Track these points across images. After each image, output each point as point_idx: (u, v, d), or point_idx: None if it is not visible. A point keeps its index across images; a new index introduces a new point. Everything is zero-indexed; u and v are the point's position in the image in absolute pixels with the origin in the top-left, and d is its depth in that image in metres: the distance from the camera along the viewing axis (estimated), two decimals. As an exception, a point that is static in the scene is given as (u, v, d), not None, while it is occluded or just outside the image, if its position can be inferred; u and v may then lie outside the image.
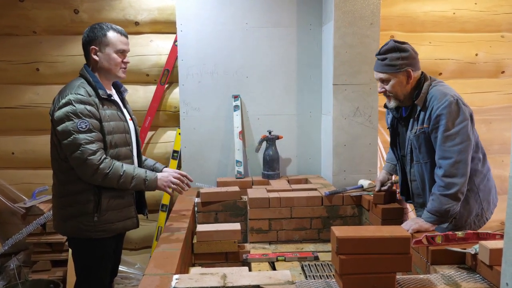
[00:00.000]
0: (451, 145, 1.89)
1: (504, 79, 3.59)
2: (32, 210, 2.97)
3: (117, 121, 1.92)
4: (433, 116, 1.92)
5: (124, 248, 3.33)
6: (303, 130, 3.23)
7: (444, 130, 1.89)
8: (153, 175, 1.95)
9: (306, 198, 2.62)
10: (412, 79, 2.00)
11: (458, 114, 1.89)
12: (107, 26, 1.92)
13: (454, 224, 1.99)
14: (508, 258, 1.05)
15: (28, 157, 3.29)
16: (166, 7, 3.20)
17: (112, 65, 1.92)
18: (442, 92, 1.93)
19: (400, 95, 2.02)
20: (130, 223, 2.01)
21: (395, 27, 3.42)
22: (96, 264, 1.95)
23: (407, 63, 1.98)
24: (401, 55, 1.97)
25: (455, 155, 1.87)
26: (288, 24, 3.12)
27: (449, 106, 1.88)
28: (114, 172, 1.81)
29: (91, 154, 1.76)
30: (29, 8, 3.15)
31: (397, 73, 1.98)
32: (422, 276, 1.58)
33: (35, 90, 3.25)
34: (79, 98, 1.80)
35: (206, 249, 2.38)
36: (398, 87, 2.00)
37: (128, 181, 1.85)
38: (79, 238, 1.91)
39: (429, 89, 1.98)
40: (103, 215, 1.88)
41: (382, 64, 2.01)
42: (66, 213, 1.89)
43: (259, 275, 1.59)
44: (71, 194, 1.87)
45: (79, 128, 1.76)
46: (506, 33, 3.53)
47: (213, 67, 3.11)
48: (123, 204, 1.95)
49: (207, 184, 3.13)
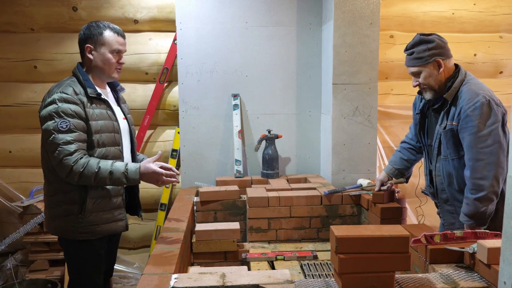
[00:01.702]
0: (482, 147, 1.88)
1: (503, 79, 3.60)
2: (30, 209, 2.96)
3: (106, 120, 1.88)
4: (462, 115, 1.92)
5: (123, 247, 3.35)
6: (303, 130, 3.23)
7: (476, 132, 1.88)
8: (134, 167, 1.81)
9: (305, 198, 2.62)
10: (444, 68, 2.01)
11: (489, 115, 1.88)
12: (104, 25, 1.89)
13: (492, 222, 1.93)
14: (506, 257, 1.06)
15: (26, 155, 3.28)
16: (166, 5, 3.20)
17: (106, 65, 1.89)
18: (474, 91, 1.93)
19: (434, 85, 2.03)
20: (117, 226, 1.94)
21: (394, 27, 3.43)
22: (85, 265, 1.91)
23: (435, 53, 2.00)
24: (427, 46, 2.00)
25: (486, 157, 1.87)
26: (288, 23, 3.11)
27: (480, 107, 1.88)
28: (88, 170, 1.73)
29: (67, 154, 1.72)
30: (27, 5, 3.14)
31: (426, 64, 2.01)
32: (420, 275, 1.58)
33: (33, 88, 3.23)
34: (64, 97, 1.77)
35: (205, 248, 2.38)
36: (430, 78, 2.02)
37: (105, 176, 1.76)
38: (68, 238, 1.88)
39: (461, 86, 1.99)
40: (87, 217, 1.83)
41: (411, 58, 2.05)
42: (54, 213, 1.87)
43: (258, 274, 1.59)
44: (58, 193, 1.85)
45: (59, 128, 1.73)
46: (505, 34, 3.54)
47: (213, 65, 3.11)
48: (110, 206, 1.90)
49: (206, 183, 3.12)
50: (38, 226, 2.92)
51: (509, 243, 1.04)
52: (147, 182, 1.84)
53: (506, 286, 1.05)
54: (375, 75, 2.89)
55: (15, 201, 3.15)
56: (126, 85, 3.23)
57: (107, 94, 2.00)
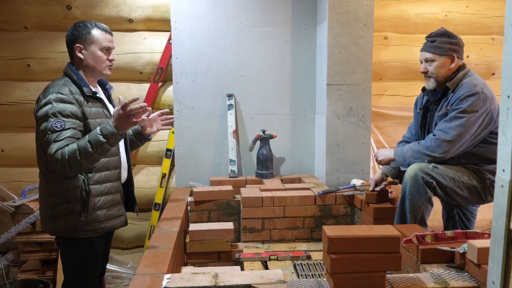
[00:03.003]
0: (455, 125, 2.02)
1: (495, 81, 3.62)
2: (22, 209, 2.93)
3: (103, 118, 1.90)
4: (457, 100, 2.05)
5: (116, 247, 3.34)
6: (297, 130, 3.24)
7: (459, 112, 2.03)
8: (105, 124, 1.75)
9: (299, 198, 2.63)
10: (455, 65, 2.14)
11: (478, 105, 2.02)
12: (91, 24, 1.91)
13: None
14: (495, 257, 1.07)
15: (18, 154, 3.26)
16: (161, 4, 3.19)
17: (97, 62, 1.91)
18: (473, 83, 2.08)
19: (441, 77, 2.15)
20: (118, 222, 1.98)
21: (388, 28, 3.44)
22: (85, 263, 1.92)
23: (454, 48, 2.13)
24: (450, 40, 2.13)
25: (452, 135, 2.02)
26: (283, 23, 3.12)
27: (474, 95, 2.02)
28: (71, 153, 1.70)
29: (56, 150, 1.71)
30: (21, 4, 3.12)
31: (443, 55, 2.13)
32: (412, 274, 1.59)
33: (26, 86, 3.21)
34: (59, 97, 1.77)
35: (198, 248, 2.38)
36: (441, 69, 2.14)
37: (86, 147, 1.71)
38: (67, 237, 1.89)
39: (464, 78, 2.11)
40: (90, 214, 1.85)
41: (431, 45, 2.15)
42: (54, 213, 1.87)
43: (251, 275, 1.59)
44: (59, 193, 1.85)
45: (53, 128, 1.73)
46: (497, 36, 3.57)
47: (207, 65, 3.11)
48: (111, 203, 1.93)
49: (200, 183, 3.12)
50: (30, 226, 2.90)
51: (497, 243, 1.06)
52: (124, 127, 1.75)
53: (495, 286, 1.07)
54: (369, 76, 2.91)
55: (7, 201, 3.13)
56: (121, 85, 3.25)
57: (100, 93, 2.01)
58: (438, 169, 2.05)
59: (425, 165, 2.06)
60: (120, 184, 1.99)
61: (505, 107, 1.02)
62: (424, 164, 2.08)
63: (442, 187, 2.04)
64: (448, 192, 2.06)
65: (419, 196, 2.04)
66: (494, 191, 1.07)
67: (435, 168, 2.05)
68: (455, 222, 2.34)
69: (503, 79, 1.03)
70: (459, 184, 2.06)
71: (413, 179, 2.05)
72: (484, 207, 2.26)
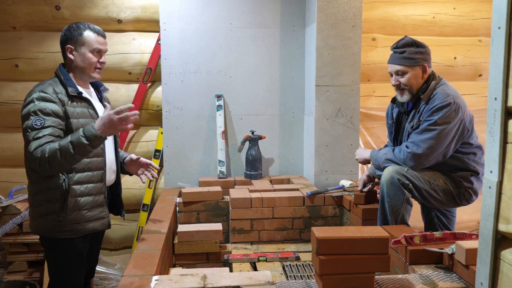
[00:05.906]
0: (426, 138, 2.01)
1: (482, 82, 3.68)
2: (9, 210, 2.90)
3: (87, 118, 1.89)
4: (429, 112, 2.04)
5: (104, 248, 3.31)
6: (286, 131, 3.25)
7: (430, 124, 2.01)
8: (90, 125, 1.74)
9: (288, 199, 2.63)
10: (426, 75, 2.11)
11: (450, 117, 2.00)
12: (84, 26, 1.91)
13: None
14: (483, 258, 1.08)
15: (6, 154, 3.22)
16: (150, 5, 3.17)
17: (86, 64, 1.90)
18: (446, 93, 2.05)
19: (414, 88, 2.12)
20: (99, 224, 1.93)
21: (376, 29, 3.47)
22: (67, 264, 1.90)
23: (424, 58, 2.10)
24: (419, 50, 2.09)
25: (423, 148, 2.01)
26: (272, 25, 3.13)
27: (446, 106, 2.00)
28: (51, 152, 1.69)
29: (35, 148, 1.71)
30: (9, 3, 3.07)
31: (414, 66, 2.10)
32: (400, 276, 1.61)
33: (14, 86, 3.17)
34: (42, 95, 1.77)
35: (187, 249, 2.37)
36: (414, 80, 2.11)
37: (67, 148, 1.70)
38: (49, 237, 1.87)
39: (436, 87, 2.09)
40: (69, 215, 1.82)
41: (400, 57, 2.11)
42: (36, 211, 1.86)
43: (239, 276, 1.59)
44: (40, 192, 1.84)
45: (33, 125, 1.74)
46: (484, 38, 3.62)
47: (197, 66, 3.10)
48: (91, 204, 1.89)
49: (189, 183, 3.11)
50: (17, 226, 2.86)
51: (485, 244, 1.07)
52: (110, 132, 1.75)
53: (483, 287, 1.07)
54: (357, 77, 2.93)
55: (-7, 202, 3.08)
56: (109, 85, 3.20)
57: (90, 94, 2.00)
58: (413, 172, 2.06)
59: (401, 168, 2.07)
60: (103, 185, 1.95)
61: (492, 109, 1.03)
62: (400, 166, 2.09)
63: (418, 189, 2.05)
64: (424, 194, 2.07)
65: (397, 198, 2.05)
66: (483, 191, 1.08)
67: (410, 171, 2.07)
68: (434, 224, 2.36)
69: (490, 80, 1.04)
70: (434, 187, 2.07)
71: (389, 181, 2.05)
72: (471, 207, 2.29)
